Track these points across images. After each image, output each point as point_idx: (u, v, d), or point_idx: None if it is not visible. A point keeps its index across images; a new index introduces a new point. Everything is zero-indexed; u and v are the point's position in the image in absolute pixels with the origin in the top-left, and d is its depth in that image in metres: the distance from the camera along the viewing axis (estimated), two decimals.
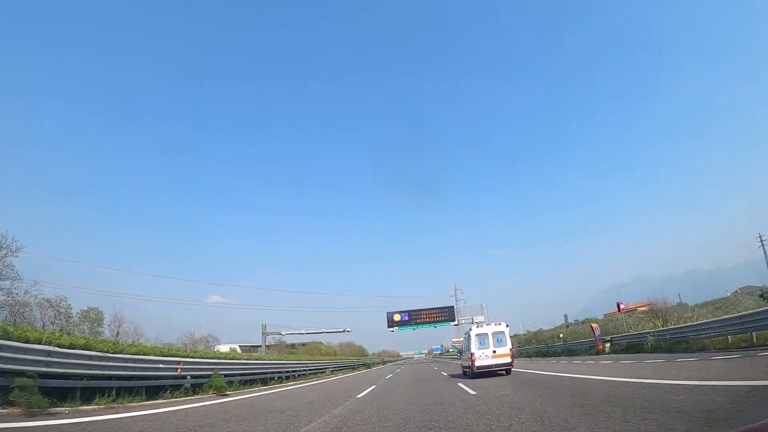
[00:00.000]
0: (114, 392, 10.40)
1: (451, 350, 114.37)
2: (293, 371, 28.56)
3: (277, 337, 52.19)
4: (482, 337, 16.33)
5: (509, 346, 16.32)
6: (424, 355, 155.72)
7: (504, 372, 16.27)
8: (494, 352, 16.01)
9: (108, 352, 10.78)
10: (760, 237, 46.98)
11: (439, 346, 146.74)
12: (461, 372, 20.02)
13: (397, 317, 54.65)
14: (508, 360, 16.02)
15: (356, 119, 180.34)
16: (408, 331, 55.93)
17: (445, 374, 21.89)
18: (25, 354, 7.97)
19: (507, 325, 16.74)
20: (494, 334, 16.36)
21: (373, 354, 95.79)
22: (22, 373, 7.63)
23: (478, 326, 16.60)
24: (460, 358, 23.01)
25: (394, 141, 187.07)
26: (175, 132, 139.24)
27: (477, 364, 15.80)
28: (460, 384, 13.69)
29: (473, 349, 16.06)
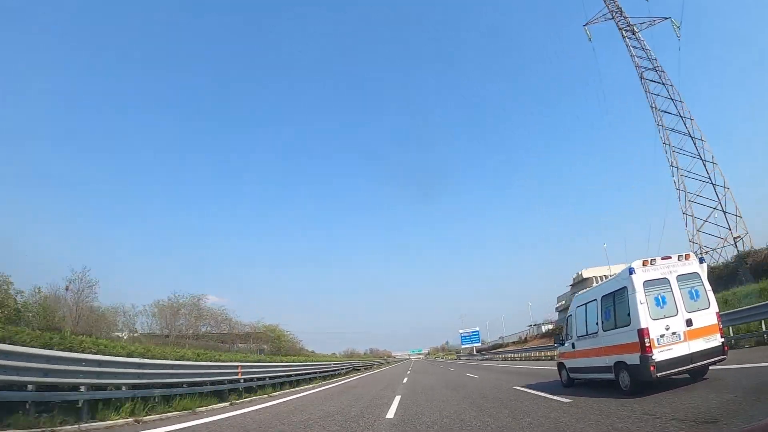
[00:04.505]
0: None
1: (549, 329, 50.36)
2: None
3: None
4: (659, 289, 6.67)
5: (715, 306, 6.76)
6: (424, 356, 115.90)
7: (700, 371, 6.90)
8: (689, 323, 6.44)
9: None
10: None
11: (475, 331, 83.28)
12: (559, 381, 9.56)
13: None
14: (717, 341, 6.55)
15: (356, 117, 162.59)
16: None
17: None
18: None
19: (702, 261, 7.10)
20: (681, 279, 6.70)
21: (323, 354, 53.82)
22: None
23: (647, 264, 6.75)
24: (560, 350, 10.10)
25: (393, 139, 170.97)
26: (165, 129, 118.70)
27: (657, 356, 6.24)
28: None
29: (643, 319, 6.39)
